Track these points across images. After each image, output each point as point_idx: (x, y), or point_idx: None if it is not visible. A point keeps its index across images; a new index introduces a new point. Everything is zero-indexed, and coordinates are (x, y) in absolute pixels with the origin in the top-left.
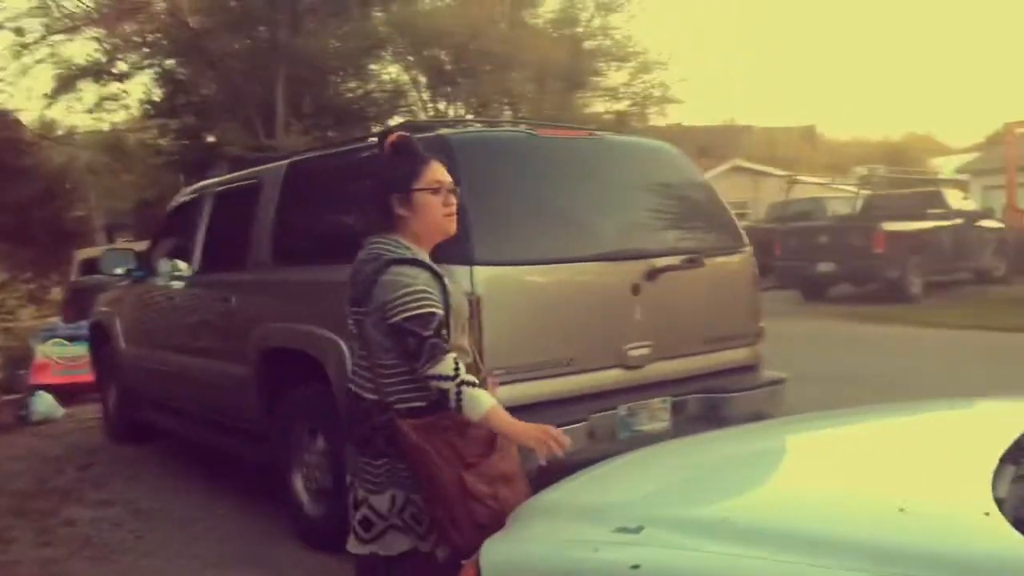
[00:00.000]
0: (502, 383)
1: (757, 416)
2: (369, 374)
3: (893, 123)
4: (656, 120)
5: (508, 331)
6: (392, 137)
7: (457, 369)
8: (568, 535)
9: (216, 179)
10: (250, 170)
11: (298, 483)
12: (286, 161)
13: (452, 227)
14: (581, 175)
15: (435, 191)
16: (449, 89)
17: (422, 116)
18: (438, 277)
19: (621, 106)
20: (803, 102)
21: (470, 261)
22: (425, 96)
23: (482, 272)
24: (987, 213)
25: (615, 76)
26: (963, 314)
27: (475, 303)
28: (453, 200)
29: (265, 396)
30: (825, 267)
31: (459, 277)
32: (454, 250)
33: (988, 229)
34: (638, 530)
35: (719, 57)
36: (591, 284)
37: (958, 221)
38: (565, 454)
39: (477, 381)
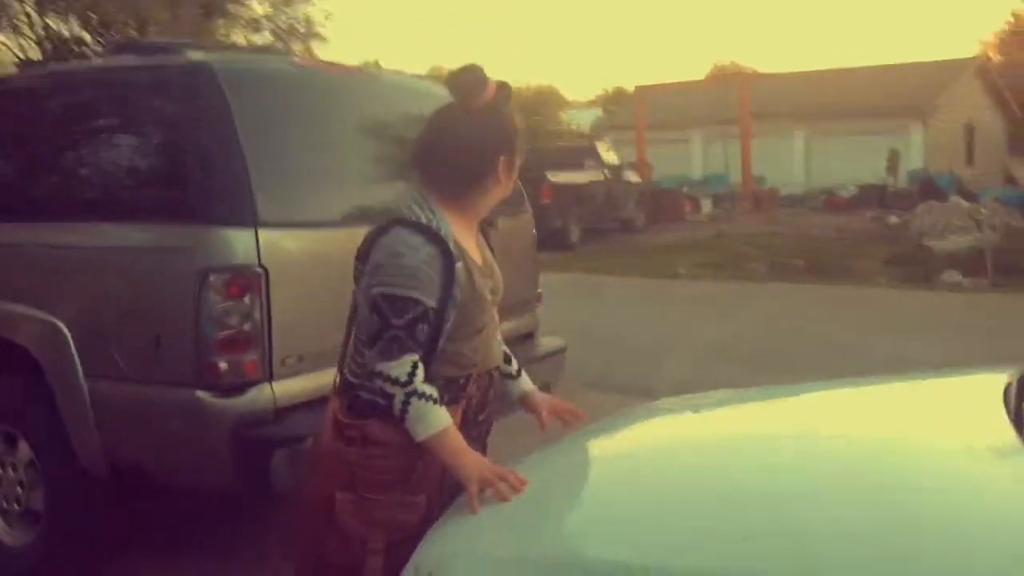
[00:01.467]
0: (294, 374)
1: (543, 387)
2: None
3: (521, 71)
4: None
5: (299, 310)
6: (497, 83)
7: (412, 375)
8: None
9: None
10: None
11: None
12: None
13: None
14: (358, 119)
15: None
16: (62, 2)
17: (27, 32)
18: (447, 258)
19: (262, 39)
20: (437, 45)
21: (253, 222)
22: (30, 8)
23: (269, 237)
24: (633, 167)
25: (257, 7)
26: (622, 263)
27: (261, 277)
28: None
29: None
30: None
31: (238, 243)
32: (227, 208)
33: (631, 183)
34: None
35: None
36: None
37: (608, 174)
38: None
39: (436, 395)
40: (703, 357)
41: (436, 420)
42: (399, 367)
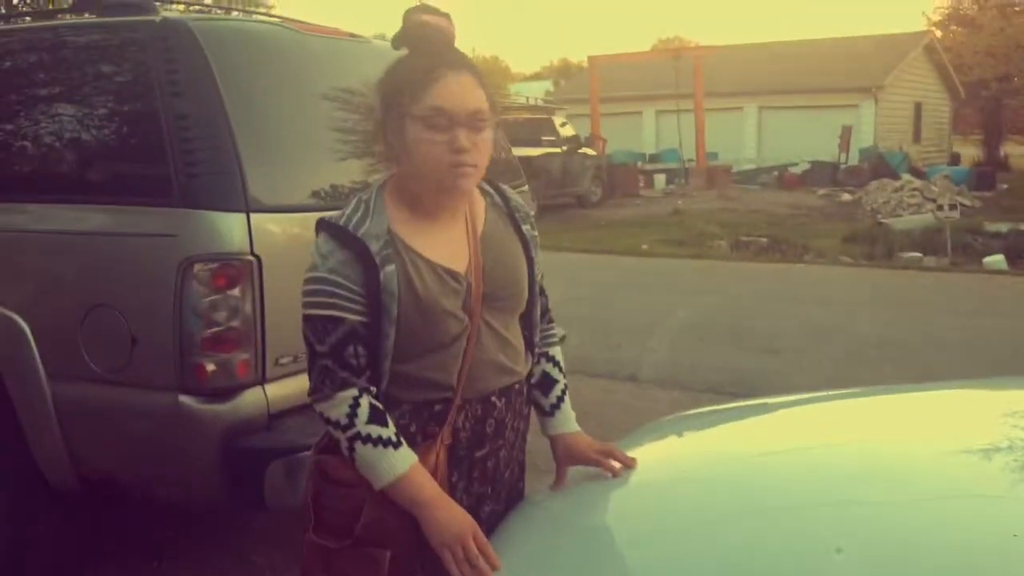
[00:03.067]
0: (289, 375)
1: None
2: None
3: (467, 42)
4: None
5: (295, 304)
6: (422, 17)
7: (352, 416)
8: None
9: None
10: None
11: None
12: None
13: (462, 184)
14: (351, 88)
15: (433, 124)
16: None
17: None
18: (365, 263)
19: None
20: (381, 14)
21: (244, 205)
22: None
23: (262, 221)
24: (586, 141)
25: None
26: (584, 239)
27: (253, 266)
28: (465, 142)
29: None
30: None
31: (228, 228)
32: (214, 188)
33: (587, 156)
34: None
35: None
36: None
37: (564, 148)
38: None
39: (389, 435)
40: (681, 338)
41: (390, 466)
42: (335, 408)
